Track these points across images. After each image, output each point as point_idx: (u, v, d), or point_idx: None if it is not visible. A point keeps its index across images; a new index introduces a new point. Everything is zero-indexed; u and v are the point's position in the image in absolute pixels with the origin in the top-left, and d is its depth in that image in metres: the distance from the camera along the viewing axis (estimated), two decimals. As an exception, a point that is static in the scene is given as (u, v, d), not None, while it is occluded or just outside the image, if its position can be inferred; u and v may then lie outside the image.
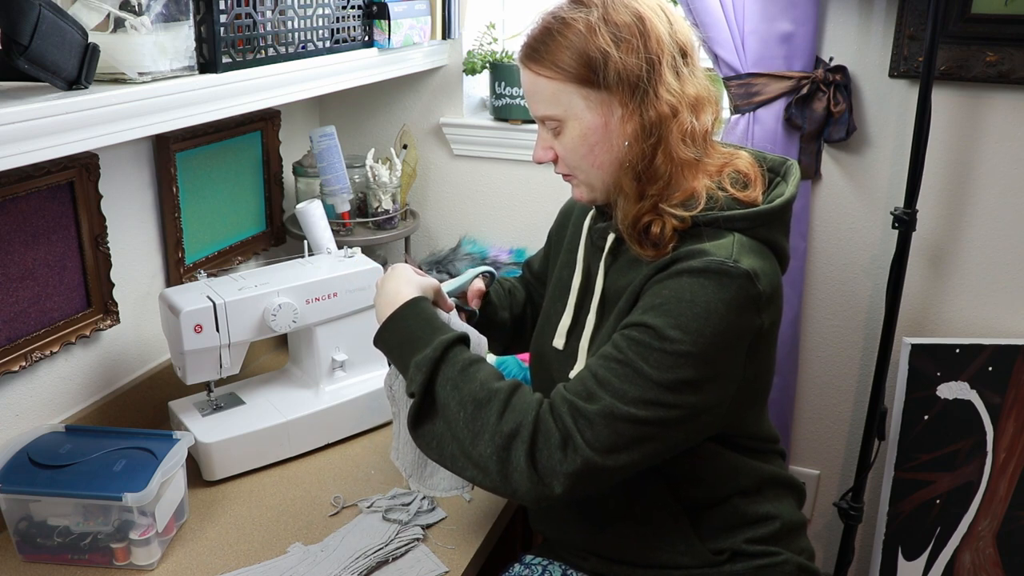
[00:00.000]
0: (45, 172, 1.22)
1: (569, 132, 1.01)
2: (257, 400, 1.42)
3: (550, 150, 1.05)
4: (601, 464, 0.89)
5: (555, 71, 0.98)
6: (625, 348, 0.93)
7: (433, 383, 0.97)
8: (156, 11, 1.05)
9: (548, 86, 0.99)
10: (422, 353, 0.97)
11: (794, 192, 1.04)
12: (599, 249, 1.10)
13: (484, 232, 1.92)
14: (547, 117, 1.02)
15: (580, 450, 0.89)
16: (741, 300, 0.92)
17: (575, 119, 1.00)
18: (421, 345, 0.99)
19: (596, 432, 0.89)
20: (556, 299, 1.19)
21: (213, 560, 1.16)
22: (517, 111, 1.77)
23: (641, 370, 0.91)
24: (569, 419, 0.91)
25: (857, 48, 1.57)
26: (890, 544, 1.68)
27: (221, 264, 1.62)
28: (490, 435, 0.91)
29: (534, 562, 1.18)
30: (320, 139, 1.66)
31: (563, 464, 0.89)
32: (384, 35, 1.56)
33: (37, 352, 1.26)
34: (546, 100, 1.01)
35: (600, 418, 0.90)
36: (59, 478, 1.13)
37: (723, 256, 0.94)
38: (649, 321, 0.92)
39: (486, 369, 0.97)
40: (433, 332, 1.00)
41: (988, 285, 1.62)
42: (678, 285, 0.93)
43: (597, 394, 0.91)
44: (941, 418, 1.62)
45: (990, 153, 1.56)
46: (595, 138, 1.00)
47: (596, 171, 1.02)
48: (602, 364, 0.94)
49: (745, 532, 1.08)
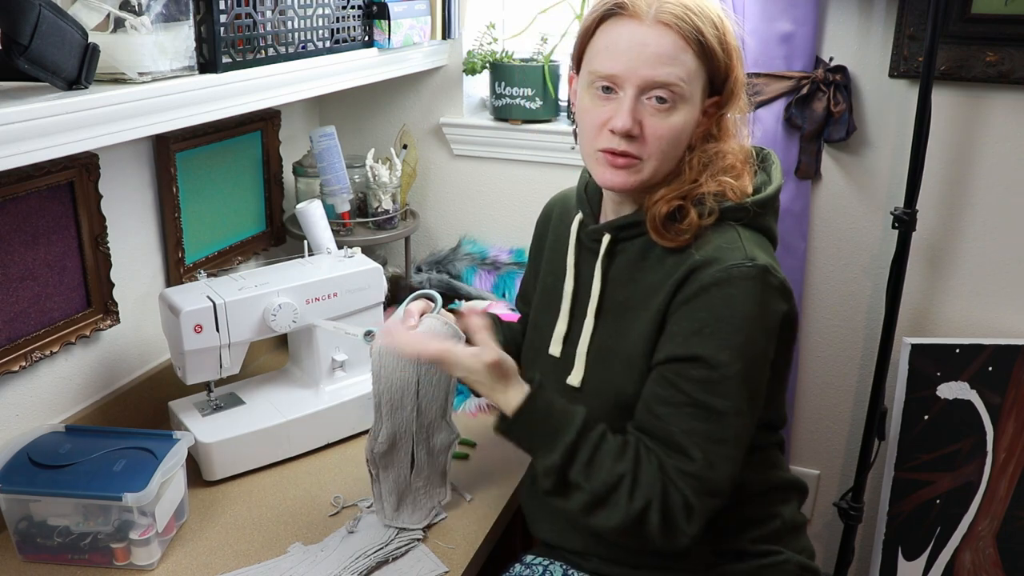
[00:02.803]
0: (45, 172, 1.22)
1: (676, 116, 0.98)
2: (257, 400, 1.42)
3: (639, 123, 0.97)
4: (718, 503, 0.97)
5: (704, 54, 0.97)
6: (690, 390, 0.96)
7: (567, 479, 0.99)
8: (156, 11, 1.05)
9: (690, 61, 0.96)
10: (550, 459, 0.99)
11: (781, 180, 1.07)
12: (592, 252, 1.09)
13: (484, 232, 1.92)
14: (671, 87, 0.95)
15: (698, 508, 0.96)
16: (767, 295, 0.96)
17: (691, 104, 0.98)
18: (544, 450, 1.00)
19: (703, 484, 0.95)
20: (545, 309, 1.17)
21: (213, 560, 1.16)
22: (517, 111, 1.77)
23: (715, 407, 0.95)
24: (681, 482, 0.96)
25: (857, 48, 1.57)
26: (890, 544, 1.68)
27: (221, 264, 1.62)
28: (623, 511, 0.96)
29: (535, 562, 1.18)
30: (320, 139, 1.66)
31: (688, 524, 0.96)
32: (384, 35, 1.56)
33: (37, 352, 1.26)
34: (681, 70, 0.96)
35: (705, 470, 0.95)
36: (59, 478, 1.13)
37: (739, 258, 0.96)
38: (698, 352, 0.95)
39: (609, 448, 0.99)
40: (552, 436, 1.00)
41: (988, 285, 1.62)
42: (710, 303, 0.95)
43: (690, 447, 0.96)
44: (941, 418, 1.62)
45: (990, 153, 1.56)
46: (689, 131, 1.00)
47: (671, 162, 1.01)
48: (678, 413, 0.96)
49: (747, 532, 1.08)
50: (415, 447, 1.20)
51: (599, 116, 0.99)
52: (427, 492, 1.23)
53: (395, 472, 1.21)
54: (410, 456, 1.20)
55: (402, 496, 1.22)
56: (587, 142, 1.03)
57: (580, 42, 1.04)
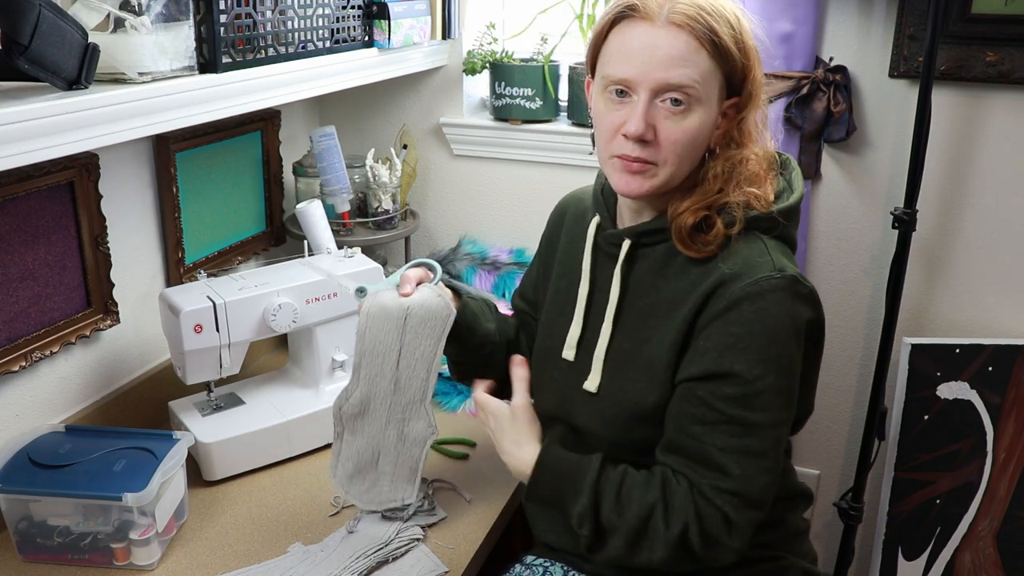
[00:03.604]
0: (45, 172, 1.22)
1: (692, 118, 0.95)
2: (257, 400, 1.42)
3: (652, 128, 0.95)
4: (758, 515, 0.98)
5: (719, 54, 0.94)
6: (725, 408, 0.95)
7: (600, 522, 0.99)
8: (156, 11, 1.05)
9: (704, 62, 0.94)
10: (580, 504, 1.00)
11: (803, 188, 1.05)
12: (611, 257, 1.07)
13: (484, 232, 1.92)
14: (685, 87, 0.93)
15: (739, 523, 0.96)
16: (798, 305, 0.96)
17: (706, 106, 0.96)
18: (571, 497, 1.01)
19: (744, 499, 0.96)
20: (558, 312, 1.16)
21: (213, 560, 1.16)
22: (517, 111, 1.77)
23: (752, 421, 0.95)
24: (719, 499, 0.96)
25: (857, 48, 1.57)
26: (890, 544, 1.68)
27: (221, 264, 1.62)
28: (663, 541, 0.96)
29: (535, 562, 1.17)
30: (320, 139, 1.66)
31: (732, 539, 0.96)
32: (384, 35, 1.56)
33: (37, 352, 1.26)
34: (695, 72, 0.94)
35: (743, 486, 0.95)
36: (59, 478, 1.13)
37: (768, 270, 0.95)
38: (731, 368, 0.95)
39: (634, 483, 0.99)
40: (575, 479, 1.01)
41: (988, 285, 1.62)
42: (741, 319, 0.94)
43: (727, 464, 0.95)
44: (941, 418, 1.62)
45: (990, 153, 1.56)
46: (707, 133, 0.98)
47: (686, 167, 0.99)
48: (713, 431, 0.96)
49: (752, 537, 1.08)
50: (387, 424, 1.16)
51: (613, 121, 0.97)
52: (392, 482, 1.19)
53: (361, 441, 1.17)
54: (380, 431, 1.17)
55: (362, 469, 1.18)
56: (602, 147, 1.01)
57: (593, 46, 1.02)
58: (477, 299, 1.24)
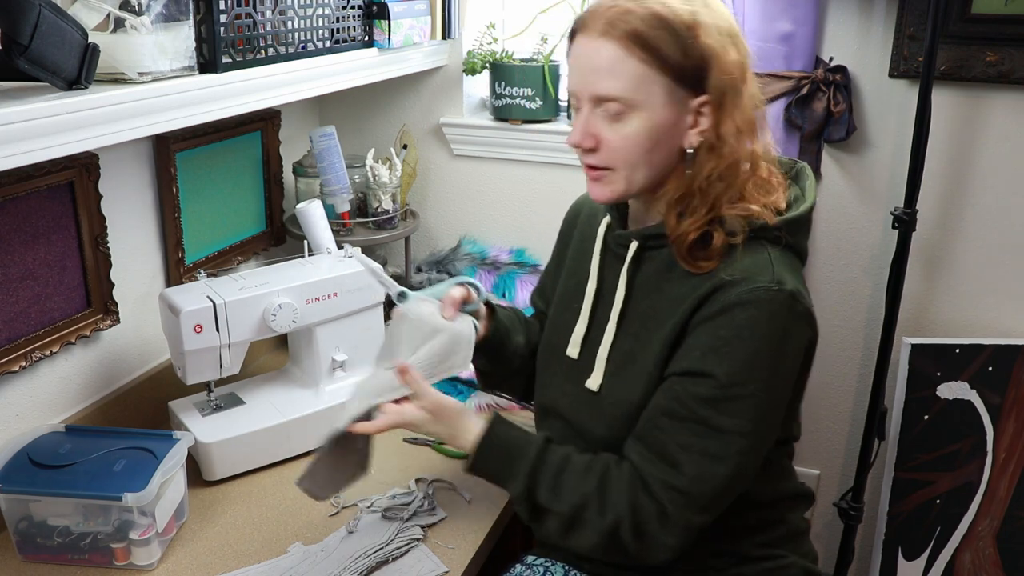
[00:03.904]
0: (45, 172, 1.22)
1: (634, 122, 0.95)
2: (257, 400, 1.42)
3: (593, 136, 0.97)
4: (700, 522, 0.96)
5: (652, 56, 0.92)
6: (695, 407, 0.95)
7: (536, 503, 1.01)
8: (156, 11, 1.05)
9: (634, 68, 0.93)
10: (515, 486, 1.02)
11: (815, 196, 1.04)
12: (617, 258, 1.07)
13: (484, 232, 1.92)
14: (613, 98, 0.94)
15: (677, 520, 0.95)
16: (792, 323, 0.95)
17: (649, 110, 0.94)
18: (509, 478, 1.03)
19: (690, 501, 0.95)
20: (564, 309, 1.17)
21: (213, 560, 1.16)
22: (517, 111, 1.77)
23: (718, 425, 0.94)
24: (664, 494, 0.95)
25: (857, 48, 1.57)
26: (890, 544, 1.68)
27: (221, 264, 1.62)
28: (595, 529, 0.98)
29: (536, 562, 1.18)
30: (320, 139, 1.66)
31: (664, 536, 0.96)
32: (384, 35, 1.56)
33: (37, 352, 1.26)
34: (622, 81, 0.93)
35: (694, 487, 0.95)
36: (59, 478, 1.13)
37: (766, 280, 0.94)
38: (711, 370, 0.94)
39: (574, 470, 1.00)
40: (514, 461, 1.03)
41: (988, 285, 1.62)
42: (730, 323, 0.93)
43: (683, 462, 0.95)
44: (941, 418, 1.62)
45: (990, 153, 1.56)
46: (659, 135, 0.95)
47: (645, 170, 0.98)
48: (678, 426, 0.96)
49: (751, 537, 1.08)
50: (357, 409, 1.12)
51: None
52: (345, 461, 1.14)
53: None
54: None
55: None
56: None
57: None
58: (508, 310, 1.27)
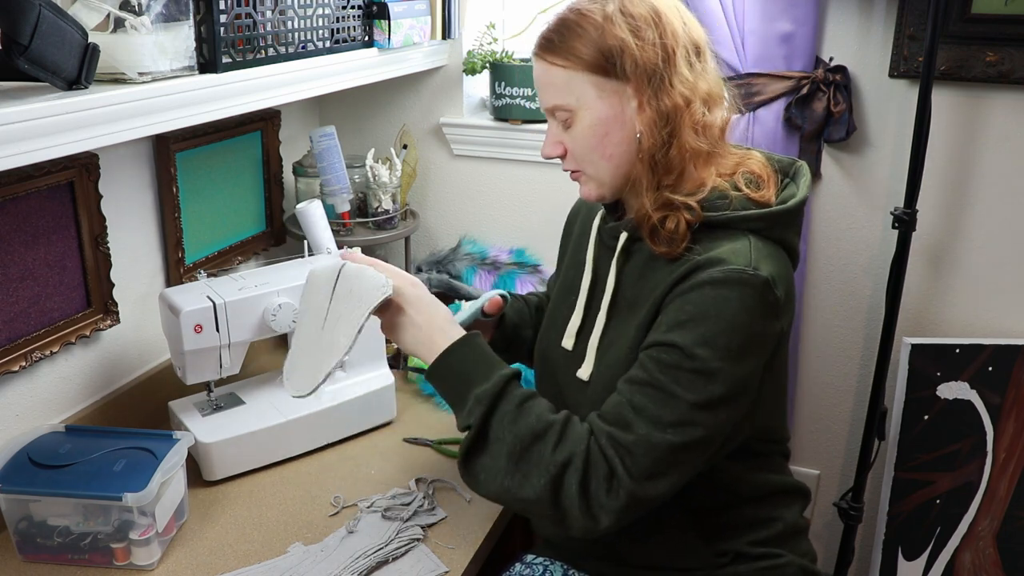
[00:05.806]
0: (45, 172, 1.22)
1: (580, 123, 1.01)
2: (257, 400, 1.42)
3: (559, 144, 1.05)
4: (643, 494, 0.92)
5: (569, 60, 0.99)
6: (656, 372, 0.94)
7: (491, 417, 0.97)
8: (156, 11, 1.05)
9: (560, 75, 1.00)
10: (482, 387, 0.98)
11: (807, 193, 1.05)
12: (610, 249, 1.09)
13: (484, 232, 1.92)
14: (558, 107, 1.02)
15: (623, 482, 0.92)
16: (762, 308, 0.94)
17: (586, 109, 1.00)
18: (480, 379, 0.99)
19: (636, 462, 0.92)
20: (562, 300, 1.18)
21: (213, 560, 1.16)
22: (517, 111, 1.77)
23: (674, 392, 0.93)
24: (611, 451, 0.93)
25: (857, 48, 1.57)
26: (890, 544, 1.68)
27: (221, 264, 1.62)
28: (545, 465, 0.93)
29: (535, 562, 1.18)
30: (320, 139, 1.66)
31: (609, 499, 0.92)
32: (384, 35, 1.56)
33: (37, 352, 1.26)
34: (558, 89, 1.01)
35: (639, 447, 0.92)
36: (59, 478, 1.13)
37: (742, 264, 0.94)
38: (676, 340, 0.94)
39: (541, 403, 0.99)
40: (491, 367, 1.01)
41: (988, 285, 1.62)
42: (700, 299, 0.94)
43: (634, 422, 0.93)
44: (941, 418, 1.62)
45: (990, 153, 1.56)
46: (605, 128, 1.00)
47: (605, 163, 1.02)
48: (635, 390, 0.95)
49: (748, 534, 1.08)
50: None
51: None
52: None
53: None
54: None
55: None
56: None
57: None
58: (520, 302, 1.33)
